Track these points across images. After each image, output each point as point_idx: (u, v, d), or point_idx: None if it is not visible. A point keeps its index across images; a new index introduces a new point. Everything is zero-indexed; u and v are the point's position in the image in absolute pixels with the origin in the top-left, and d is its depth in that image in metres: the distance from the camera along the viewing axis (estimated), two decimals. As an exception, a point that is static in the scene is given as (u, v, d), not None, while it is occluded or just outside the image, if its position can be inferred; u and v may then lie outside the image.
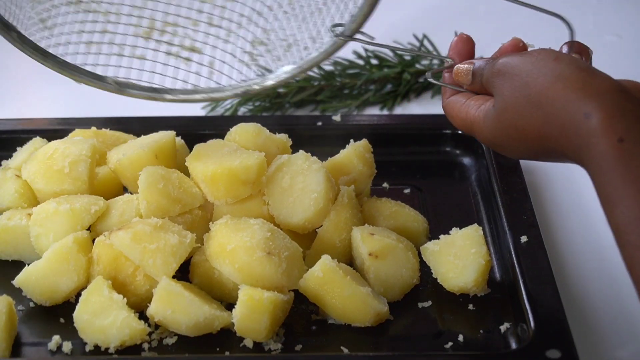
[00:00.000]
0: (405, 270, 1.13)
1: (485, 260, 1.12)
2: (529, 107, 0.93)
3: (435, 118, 1.40)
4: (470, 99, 1.03)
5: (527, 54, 0.97)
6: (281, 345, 1.07)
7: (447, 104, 1.05)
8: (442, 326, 1.10)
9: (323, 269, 1.08)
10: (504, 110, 0.96)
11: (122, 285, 1.10)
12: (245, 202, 1.16)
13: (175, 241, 1.09)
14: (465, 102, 1.03)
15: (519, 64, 0.96)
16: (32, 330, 1.10)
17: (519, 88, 0.94)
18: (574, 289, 1.17)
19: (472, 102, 1.02)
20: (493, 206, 1.23)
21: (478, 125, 1.00)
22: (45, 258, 1.11)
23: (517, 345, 1.06)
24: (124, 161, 1.20)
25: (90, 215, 1.14)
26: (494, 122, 0.97)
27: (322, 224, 1.16)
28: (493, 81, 0.98)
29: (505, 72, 0.96)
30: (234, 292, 1.09)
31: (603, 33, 1.65)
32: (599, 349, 1.09)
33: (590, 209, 1.29)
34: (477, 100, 1.02)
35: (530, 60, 0.95)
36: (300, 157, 1.17)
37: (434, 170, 1.34)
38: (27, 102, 1.54)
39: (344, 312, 1.09)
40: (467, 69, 1.03)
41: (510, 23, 1.72)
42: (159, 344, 1.08)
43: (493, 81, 0.98)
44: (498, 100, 0.97)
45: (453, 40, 1.07)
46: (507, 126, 0.96)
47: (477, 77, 1.02)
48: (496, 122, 0.97)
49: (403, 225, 1.20)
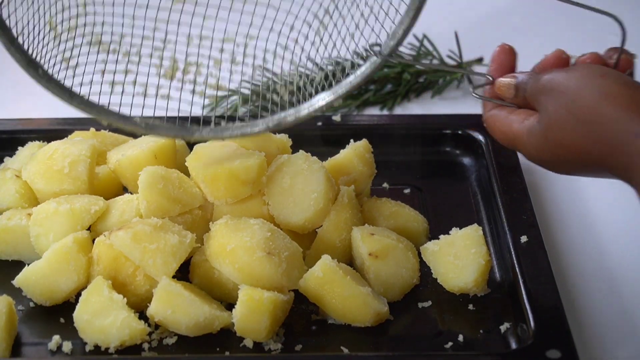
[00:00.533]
0: (405, 270, 1.13)
1: (485, 260, 1.12)
2: (575, 125, 0.93)
3: (435, 118, 1.40)
4: (513, 113, 1.01)
5: (573, 70, 0.96)
6: (281, 345, 1.07)
7: (488, 117, 1.04)
8: (442, 326, 1.10)
9: (323, 269, 1.08)
10: (550, 127, 0.95)
11: (122, 285, 1.10)
12: (245, 202, 1.16)
13: (175, 241, 1.09)
14: (507, 117, 1.01)
15: (565, 81, 0.94)
16: (32, 330, 1.10)
17: (565, 105, 0.93)
18: (574, 289, 1.17)
19: (515, 116, 1.00)
20: (493, 206, 1.23)
21: (521, 140, 0.99)
22: (45, 258, 1.11)
23: (517, 345, 1.06)
24: (124, 161, 1.20)
25: (90, 215, 1.14)
26: (539, 138, 0.96)
27: (322, 224, 1.16)
28: (538, 97, 0.97)
29: (550, 88, 0.95)
30: (234, 292, 1.09)
31: (603, 33, 1.65)
32: (599, 349, 1.09)
33: (590, 209, 1.29)
34: (519, 115, 1.00)
35: (576, 77, 0.94)
36: (300, 157, 1.17)
37: (434, 170, 1.34)
38: (27, 102, 1.54)
39: (344, 312, 1.09)
40: (509, 83, 1.01)
41: (511, 23, 1.73)
42: (159, 344, 1.08)
43: (538, 97, 0.97)
44: (543, 116, 0.96)
45: (495, 51, 1.05)
46: (553, 143, 0.95)
47: (520, 92, 1.00)
48: (541, 138, 0.96)
49: (403, 225, 1.20)
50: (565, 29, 1.68)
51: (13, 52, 1.00)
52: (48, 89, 1.04)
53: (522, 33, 1.69)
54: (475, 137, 1.34)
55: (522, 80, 1.00)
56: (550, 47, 1.04)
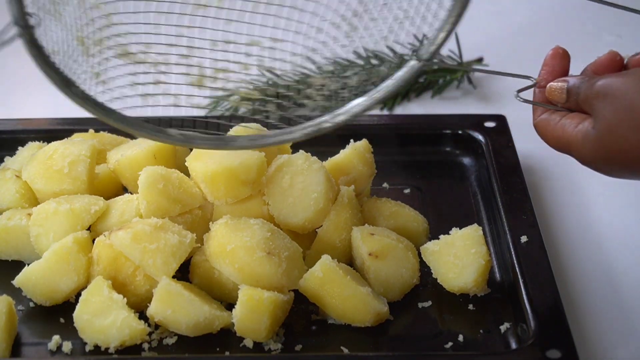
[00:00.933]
0: (405, 270, 1.13)
1: (485, 260, 1.12)
2: (633, 130, 0.92)
3: (435, 118, 1.40)
4: (565, 117, 0.99)
5: (628, 75, 0.95)
6: (281, 345, 1.07)
7: (538, 122, 1.02)
8: (442, 326, 1.10)
9: (323, 269, 1.08)
10: (606, 132, 0.94)
11: (122, 285, 1.10)
12: (245, 202, 1.16)
13: (175, 241, 1.09)
14: (559, 121, 0.99)
15: (621, 86, 0.93)
16: (32, 330, 1.10)
17: (622, 110, 0.92)
18: (574, 289, 1.17)
19: (568, 120, 0.99)
20: (493, 206, 1.23)
21: (576, 145, 0.97)
22: (45, 258, 1.11)
23: (517, 345, 1.06)
24: (123, 161, 1.20)
25: (90, 215, 1.14)
26: (595, 143, 0.95)
27: (322, 224, 1.16)
28: (592, 102, 0.96)
29: (606, 93, 0.94)
30: (234, 292, 1.09)
31: (603, 33, 1.65)
32: (599, 349, 1.09)
33: (590, 209, 1.29)
34: (572, 119, 0.98)
35: (633, 82, 0.93)
36: (300, 157, 1.17)
37: (434, 170, 1.34)
38: (27, 102, 1.54)
39: (344, 312, 1.09)
40: (561, 87, 1.00)
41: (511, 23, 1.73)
42: (159, 344, 1.08)
43: (592, 102, 0.96)
44: (599, 121, 0.95)
45: (547, 54, 1.03)
46: (609, 148, 0.94)
47: (572, 96, 0.98)
48: (597, 143, 0.95)
49: (403, 225, 1.20)
50: (565, 29, 1.68)
51: (49, 73, 0.97)
52: (84, 108, 1.01)
53: (522, 33, 1.69)
54: (475, 137, 1.34)
55: (574, 84, 0.98)
56: (550, 46, 1.04)
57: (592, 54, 1.02)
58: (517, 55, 1.60)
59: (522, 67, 1.06)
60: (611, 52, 1.01)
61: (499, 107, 1.48)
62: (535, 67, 1.05)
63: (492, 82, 1.54)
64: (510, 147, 1.31)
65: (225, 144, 1.07)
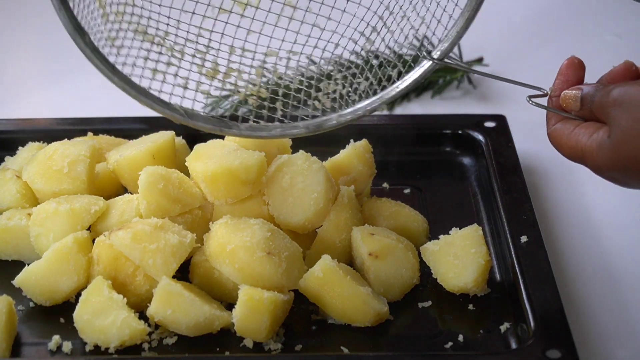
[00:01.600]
0: (405, 270, 1.13)
1: (485, 260, 1.12)
2: None
3: (435, 118, 1.40)
4: (579, 126, 0.98)
5: None
6: (281, 345, 1.07)
7: (552, 131, 1.01)
8: (442, 326, 1.10)
9: (323, 269, 1.08)
10: (623, 142, 0.93)
11: (122, 285, 1.10)
12: (245, 202, 1.16)
13: (175, 241, 1.09)
14: (574, 130, 0.98)
15: (638, 94, 0.92)
16: (32, 330, 1.10)
17: (638, 119, 0.92)
18: (574, 289, 1.17)
19: (582, 130, 0.98)
20: (493, 206, 1.23)
21: (591, 155, 0.96)
22: (45, 258, 1.11)
23: (517, 345, 1.06)
24: (122, 162, 1.20)
25: (90, 215, 1.14)
26: (610, 153, 0.94)
27: (322, 224, 1.16)
28: (608, 111, 0.95)
29: (622, 102, 0.93)
30: (234, 292, 1.09)
31: (603, 33, 1.65)
32: (599, 349, 1.09)
33: (590, 209, 1.29)
34: (587, 129, 0.98)
35: None
36: (300, 157, 1.17)
37: (434, 170, 1.34)
38: (27, 102, 1.54)
39: (344, 312, 1.09)
40: (575, 95, 0.99)
41: (511, 23, 1.73)
42: (159, 344, 1.08)
43: (608, 111, 0.95)
44: (615, 131, 0.94)
45: (562, 64, 1.02)
46: (626, 158, 0.93)
47: (587, 104, 0.98)
48: (613, 153, 0.94)
49: (403, 225, 1.20)
50: (565, 29, 1.68)
51: (62, 15, 0.95)
52: (91, 60, 0.99)
53: (521, 33, 1.69)
54: (475, 137, 1.34)
55: (588, 93, 0.98)
56: (550, 46, 1.04)
57: (592, 54, 1.02)
58: (517, 55, 1.60)
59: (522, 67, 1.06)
60: (627, 62, 1.00)
61: (499, 107, 1.48)
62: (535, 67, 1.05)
63: (492, 82, 1.54)
64: (510, 147, 1.31)
65: (226, 127, 1.07)
